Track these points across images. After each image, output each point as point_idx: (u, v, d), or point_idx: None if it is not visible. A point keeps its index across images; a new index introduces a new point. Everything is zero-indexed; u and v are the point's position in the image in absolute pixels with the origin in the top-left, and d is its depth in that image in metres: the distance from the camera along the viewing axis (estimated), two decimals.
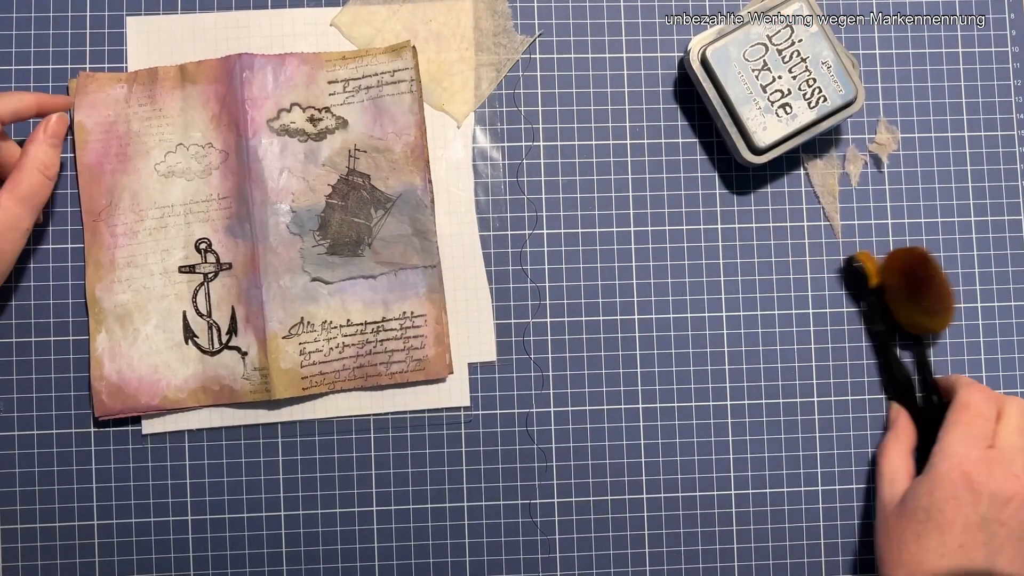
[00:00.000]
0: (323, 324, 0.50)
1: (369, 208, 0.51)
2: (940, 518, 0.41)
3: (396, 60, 0.51)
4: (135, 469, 0.50)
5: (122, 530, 0.50)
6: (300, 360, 0.50)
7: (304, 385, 0.50)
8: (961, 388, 0.48)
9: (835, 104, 0.51)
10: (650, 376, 0.53)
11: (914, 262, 0.51)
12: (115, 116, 0.51)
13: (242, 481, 0.51)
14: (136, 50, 0.52)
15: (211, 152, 0.51)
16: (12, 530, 0.50)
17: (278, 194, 0.50)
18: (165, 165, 0.51)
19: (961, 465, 0.42)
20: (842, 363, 0.54)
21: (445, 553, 0.51)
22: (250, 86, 0.50)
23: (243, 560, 0.50)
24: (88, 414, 0.50)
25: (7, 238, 0.45)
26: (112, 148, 0.51)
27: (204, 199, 0.51)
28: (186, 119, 0.51)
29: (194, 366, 0.50)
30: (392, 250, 0.51)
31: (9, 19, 0.52)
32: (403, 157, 0.51)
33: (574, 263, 0.53)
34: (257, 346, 0.50)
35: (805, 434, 0.53)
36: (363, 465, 0.51)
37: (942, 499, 0.42)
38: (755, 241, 0.54)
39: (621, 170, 0.54)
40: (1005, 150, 0.55)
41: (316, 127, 0.51)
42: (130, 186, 0.51)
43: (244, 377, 0.50)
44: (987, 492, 0.41)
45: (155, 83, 0.51)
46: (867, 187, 0.55)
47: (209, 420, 0.51)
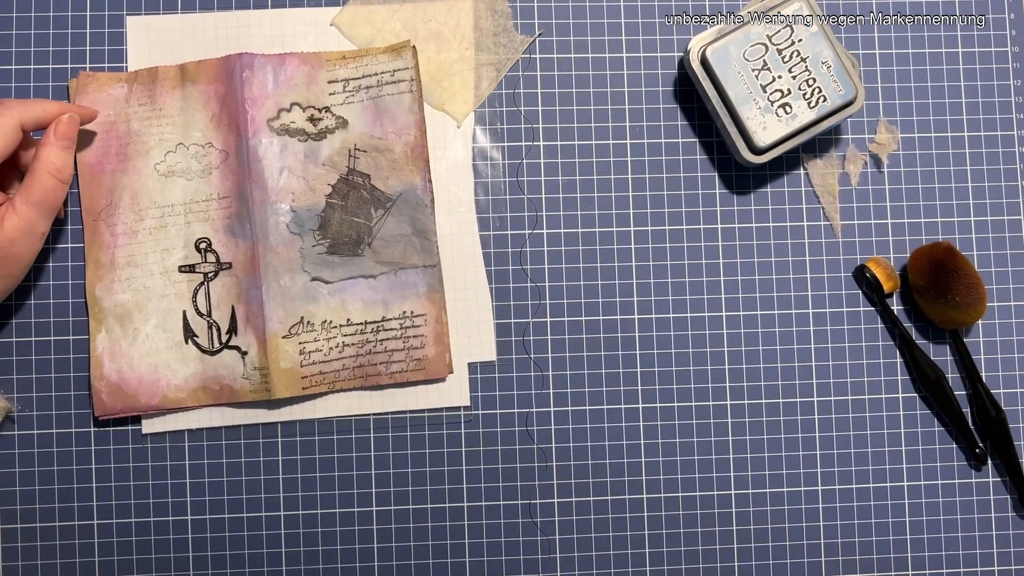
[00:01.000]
0: (323, 324, 0.50)
1: (369, 208, 0.51)
2: None
3: (396, 60, 0.51)
4: (135, 469, 0.50)
5: (122, 530, 0.50)
6: (300, 360, 0.50)
7: (304, 385, 0.50)
8: None
9: (835, 104, 0.51)
10: (650, 376, 0.53)
11: (939, 257, 0.51)
12: (115, 116, 0.51)
13: (242, 481, 0.51)
14: (136, 50, 0.52)
15: (211, 152, 0.51)
16: (12, 530, 0.50)
17: (278, 194, 0.50)
18: (165, 165, 0.51)
19: None
20: (842, 363, 0.54)
21: (445, 553, 0.51)
22: (250, 86, 0.50)
23: (243, 560, 0.50)
24: (88, 414, 0.50)
25: (23, 243, 0.45)
26: (112, 148, 0.51)
27: (204, 199, 0.51)
28: (186, 119, 0.51)
29: (194, 366, 0.50)
30: (392, 250, 0.51)
31: (9, 19, 0.52)
32: (403, 157, 0.51)
33: (574, 263, 0.53)
34: (257, 346, 0.50)
35: (805, 434, 0.53)
36: (363, 465, 0.51)
37: None
38: (755, 241, 0.54)
39: (621, 170, 0.54)
40: (1005, 150, 0.55)
41: (316, 127, 0.51)
42: (130, 186, 0.51)
43: (244, 377, 0.50)
44: None
45: (155, 83, 0.51)
46: (867, 187, 0.55)
47: (209, 420, 0.51)
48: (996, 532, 0.53)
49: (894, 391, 0.54)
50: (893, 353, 0.54)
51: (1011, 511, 0.54)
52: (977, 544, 0.53)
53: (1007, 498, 0.54)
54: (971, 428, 0.53)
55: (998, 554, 0.53)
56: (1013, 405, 0.54)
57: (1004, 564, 0.53)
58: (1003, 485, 0.54)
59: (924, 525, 0.53)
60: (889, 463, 0.53)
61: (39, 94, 0.51)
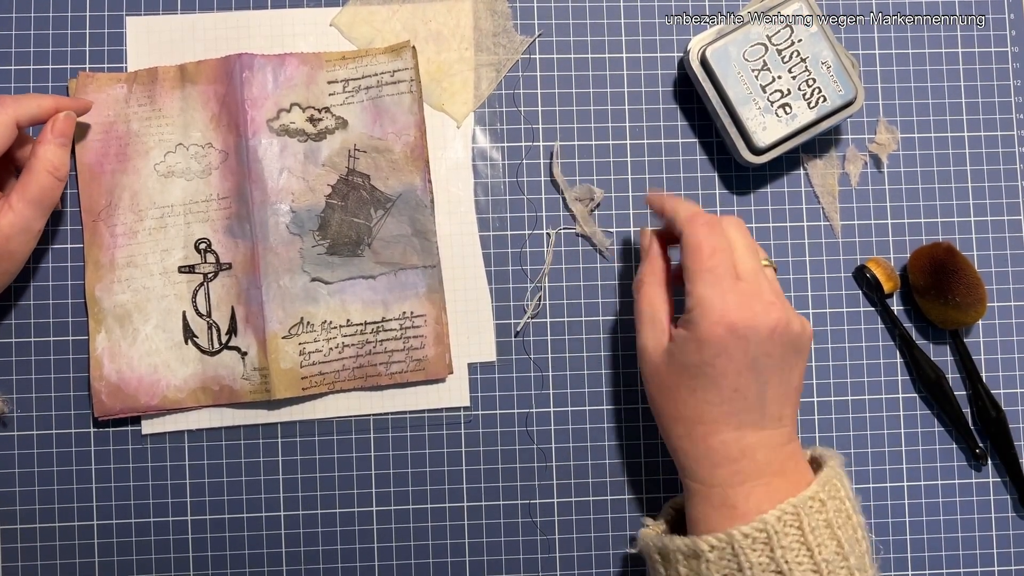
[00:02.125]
0: (323, 324, 0.50)
1: (369, 208, 0.51)
2: (712, 372, 0.41)
3: (396, 60, 0.51)
4: (135, 469, 0.50)
5: (122, 530, 0.50)
6: (300, 360, 0.50)
7: (304, 385, 0.50)
8: (685, 227, 0.44)
9: (835, 104, 0.51)
10: None
11: (939, 257, 0.51)
12: (115, 116, 0.51)
13: (242, 481, 0.51)
14: (136, 50, 0.52)
15: (211, 152, 0.51)
16: (12, 530, 0.50)
17: (278, 194, 0.50)
18: (165, 165, 0.51)
19: (723, 317, 0.41)
20: (842, 363, 0.54)
21: (445, 553, 0.51)
22: (250, 86, 0.50)
23: (243, 560, 0.50)
24: (88, 414, 0.50)
25: (18, 240, 0.45)
26: (112, 148, 0.51)
27: (204, 199, 0.51)
28: (186, 119, 0.51)
29: (194, 366, 0.50)
30: (392, 250, 0.51)
31: (9, 19, 0.52)
32: (403, 157, 0.51)
33: (574, 263, 0.53)
34: (257, 346, 0.50)
35: (805, 434, 0.53)
36: (363, 465, 0.51)
37: (712, 356, 0.41)
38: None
39: (621, 170, 0.54)
40: (1005, 150, 0.55)
41: (316, 127, 0.51)
42: (130, 186, 0.51)
43: (244, 377, 0.50)
44: (752, 334, 0.41)
45: (155, 83, 0.51)
46: (867, 187, 0.55)
47: (209, 420, 0.51)
48: (996, 532, 0.53)
49: (894, 391, 0.54)
50: (893, 353, 0.54)
51: (1011, 511, 0.54)
52: (977, 544, 0.53)
53: (1007, 498, 0.54)
54: (971, 428, 0.53)
55: (998, 554, 0.53)
56: (1013, 405, 0.54)
57: (1004, 564, 0.53)
58: (1003, 485, 0.54)
59: (924, 525, 0.53)
60: (889, 463, 0.53)
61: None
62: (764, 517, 0.39)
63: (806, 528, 0.39)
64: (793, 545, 0.39)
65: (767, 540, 0.39)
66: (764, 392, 0.42)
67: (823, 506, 0.40)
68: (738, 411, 0.41)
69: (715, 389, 0.41)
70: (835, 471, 0.42)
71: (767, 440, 0.42)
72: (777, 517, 0.39)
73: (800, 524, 0.39)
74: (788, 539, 0.39)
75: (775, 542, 0.39)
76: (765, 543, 0.39)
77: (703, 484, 0.42)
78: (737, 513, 0.40)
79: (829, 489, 0.41)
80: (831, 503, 0.40)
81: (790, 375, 0.43)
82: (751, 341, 0.41)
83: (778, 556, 0.39)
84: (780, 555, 0.39)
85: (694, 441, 0.42)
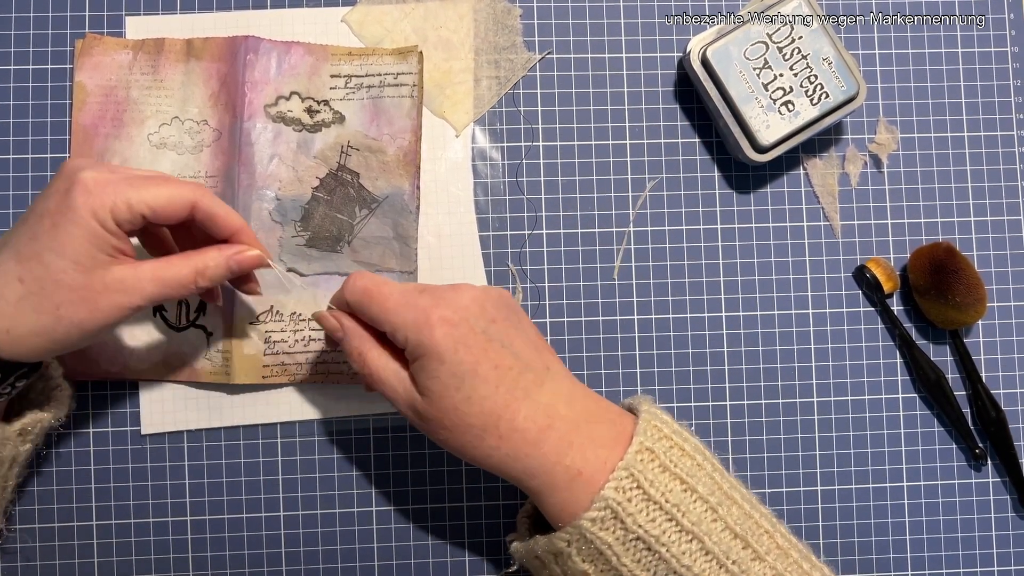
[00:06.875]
0: (292, 315, 0.50)
1: (354, 206, 0.51)
2: (465, 366, 0.40)
3: (401, 63, 0.51)
4: (135, 469, 0.50)
5: (122, 530, 0.50)
6: (264, 348, 0.50)
7: (264, 373, 0.50)
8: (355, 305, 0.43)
9: (837, 100, 0.51)
10: (650, 376, 0.53)
11: (939, 257, 0.51)
12: (116, 81, 0.51)
13: (241, 481, 0.51)
14: None
15: (205, 129, 0.51)
16: (11, 531, 0.50)
17: (265, 180, 0.50)
18: (158, 136, 0.51)
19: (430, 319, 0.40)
20: (842, 363, 0.54)
21: (445, 553, 0.51)
22: (252, 69, 0.50)
23: (243, 560, 0.50)
24: (87, 415, 0.50)
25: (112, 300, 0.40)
26: (109, 112, 0.51)
27: (191, 175, 0.51)
28: (185, 93, 0.51)
29: (158, 339, 0.50)
30: (371, 251, 0.51)
31: (8, 19, 0.52)
32: (395, 160, 0.51)
33: (574, 263, 0.53)
34: (223, 328, 0.50)
35: (805, 434, 0.53)
36: (363, 465, 0.51)
37: (453, 355, 0.40)
38: (755, 241, 0.54)
39: (621, 170, 0.54)
40: (1005, 150, 0.55)
41: (312, 118, 0.51)
42: (121, 152, 0.50)
43: (206, 357, 0.50)
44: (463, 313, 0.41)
45: (160, 54, 0.51)
46: (867, 187, 0.55)
47: (209, 420, 0.51)
48: (996, 532, 0.53)
49: (894, 391, 0.54)
50: (893, 353, 0.54)
51: (1011, 511, 0.54)
52: (977, 544, 0.53)
53: (1007, 498, 0.54)
54: (971, 428, 0.53)
55: (998, 554, 0.53)
56: (1013, 405, 0.54)
57: (1004, 564, 0.53)
58: (1003, 485, 0.54)
59: (924, 525, 0.53)
60: (889, 463, 0.53)
61: (38, 96, 0.51)
62: (603, 494, 0.38)
63: (645, 484, 0.39)
64: (640, 506, 0.38)
65: (615, 515, 0.38)
66: (518, 352, 0.41)
67: (653, 455, 0.39)
68: (514, 380, 0.41)
69: (481, 379, 0.40)
70: (651, 412, 0.42)
71: (555, 390, 0.42)
72: (615, 487, 0.38)
73: (638, 483, 0.39)
74: (633, 504, 0.38)
75: (622, 512, 0.38)
76: (614, 518, 0.38)
77: (543, 474, 0.40)
78: (585, 477, 0.40)
79: (652, 433, 0.40)
80: (659, 446, 0.40)
81: (525, 330, 0.43)
82: (469, 320, 0.41)
83: (629, 524, 0.38)
84: (631, 522, 0.38)
85: (506, 437, 0.41)
